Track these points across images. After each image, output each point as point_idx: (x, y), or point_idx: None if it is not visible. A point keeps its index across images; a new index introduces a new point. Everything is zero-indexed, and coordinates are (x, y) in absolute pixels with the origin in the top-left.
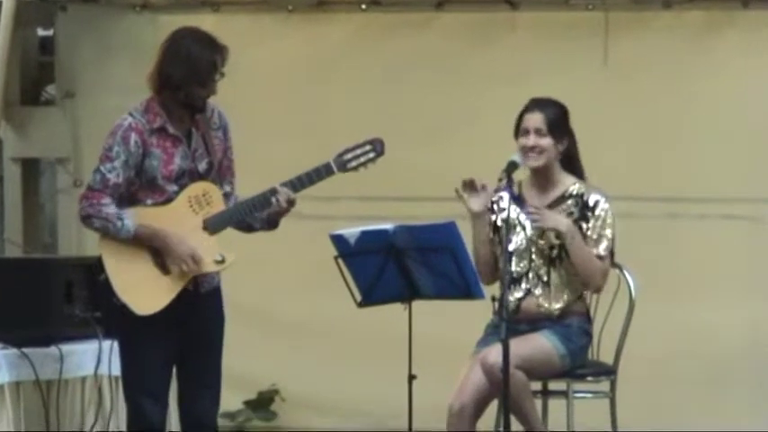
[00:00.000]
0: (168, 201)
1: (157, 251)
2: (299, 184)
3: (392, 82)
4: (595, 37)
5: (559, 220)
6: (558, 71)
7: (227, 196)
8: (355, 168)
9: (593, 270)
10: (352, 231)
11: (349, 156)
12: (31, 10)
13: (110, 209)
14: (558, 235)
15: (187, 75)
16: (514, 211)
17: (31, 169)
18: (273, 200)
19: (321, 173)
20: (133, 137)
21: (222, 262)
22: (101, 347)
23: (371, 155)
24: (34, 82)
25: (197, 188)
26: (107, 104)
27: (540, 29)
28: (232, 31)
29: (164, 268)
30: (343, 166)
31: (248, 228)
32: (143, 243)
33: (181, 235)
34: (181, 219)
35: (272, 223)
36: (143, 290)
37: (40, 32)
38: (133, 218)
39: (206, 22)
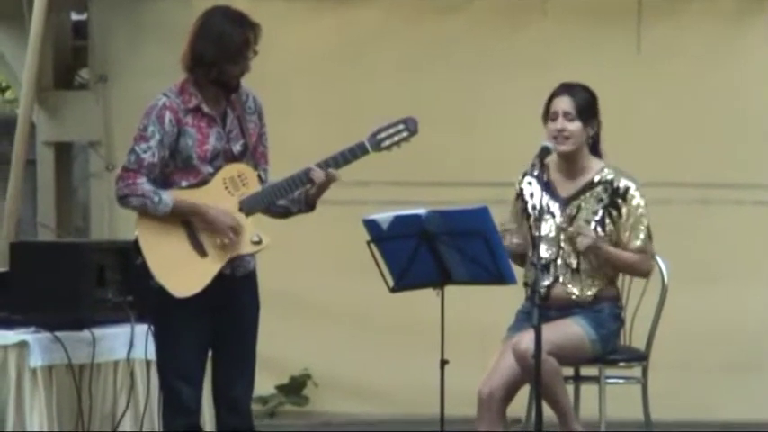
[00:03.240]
0: (203, 182)
1: (194, 233)
2: (333, 163)
3: (423, 67)
4: (628, 23)
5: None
6: (589, 57)
7: (259, 180)
8: (389, 147)
9: (635, 267)
10: (384, 216)
11: (383, 135)
12: None
13: (146, 186)
14: (596, 256)
15: (219, 52)
16: (545, 198)
17: (63, 153)
18: (311, 177)
19: (356, 152)
20: (168, 116)
21: (259, 243)
22: (133, 331)
23: (405, 134)
24: (67, 66)
25: (232, 169)
26: (140, 88)
27: (572, 14)
28: (265, 16)
29: (201, 251)
30: (377, 146)
31: (285, 212)
32: (182, 217)
33: (222, 208)
34: (216, 200)
35: (309, 204)
36: (180, 272)
37: (74, 17)
38: (170, 194)
39: (239, 5)
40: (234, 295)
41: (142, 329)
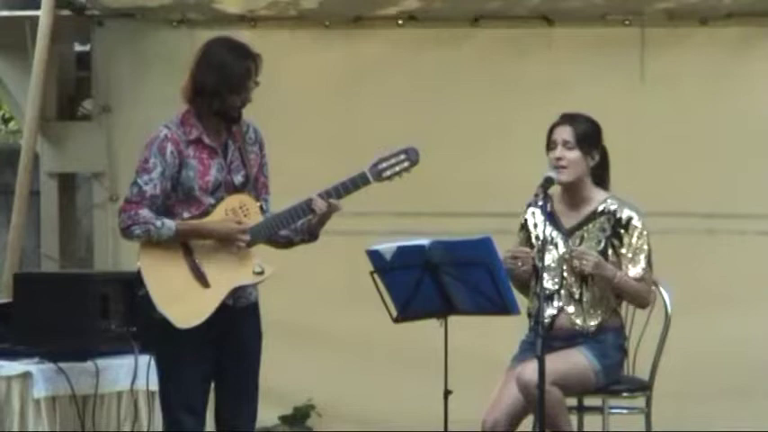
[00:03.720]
0: (205, 214)
1: (195, 264)
2: (334, 193)
3: (428, 97)
4: (632, 53)
5: (602, 266)
6: (594, 87)
7: (261, 210)
8: (390, 177)
9: (638, 294)
10: (388, 246)
11: (384, 165)
12: (67, 25)
13: (148, 214)
14: (601, 278)
15: (220, 82)
16: (548, 229)
17: (67, 184)
18: (313, 207)
19: (357, 182)
20: (169, 147)
21: (262, 273)
22: (137, 362)
23: (406, 164)
24: (71, 97)
25: (234, 200)
26: (143, 119)
27: (577, 44)
28: (270, 46)
29: (203, 281)
30: (378, 175)
31: (288, 242)
32: (183, 251)
33: (222, 220)
34: None
35: (312, 234)
36: (183, 303)
37: (77, 47)
38: (173, 221)
39: (243, 37)
40: (236, 326)
41: (145, 360)
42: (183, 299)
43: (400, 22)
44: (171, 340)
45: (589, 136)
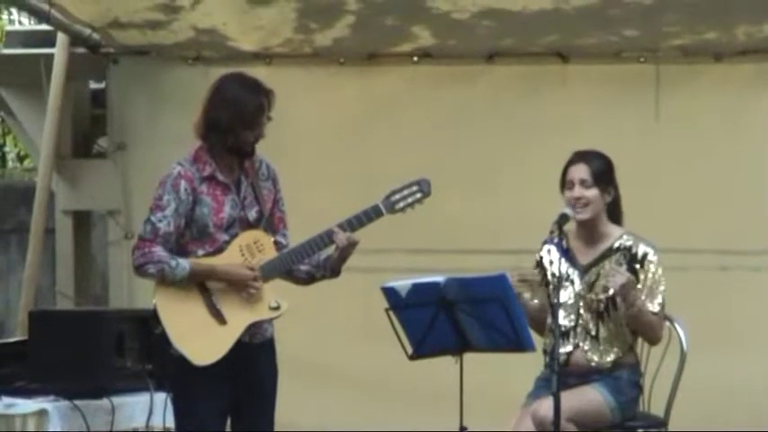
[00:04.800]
0: (219, 251)
1: (211, 301)
2: (348, 226)
3: (443, 134)
4: (646, 90)
5: (630, 286)
6: (608, 124)
7: (278, 245)
8: (403, 209)
9: (653, 328)
10: (403, 284)
11: (397, 197)
12: (83, 63)
13: (162, 252)
14: (624, 298)
15: (234, 118)
16: (564, 266)
17: (82, 221)
18: (334, 239)
19: (370, 214)
20: (183, 184)
21: (278, 308)
22: (152, 400)
23: (419, 195)
24: (86, 135)
25: (248, 236)
26: (159, 157)
27: (591, 82)
28: (284, 84)
29: (219, 318)
30: (391, 207)
31: (309, 278)
32: (200, 280)
33: (236, 263)
34: None
35: (334, 270)
36: (199, 340)
37: (92, 85)
38: (187, 260)
39: (258, 74)
40: (252, 363)
41: (161, 398)
42: (199, 336)
43: (415, 59)
44: (187, 377)
45: (605, 172)
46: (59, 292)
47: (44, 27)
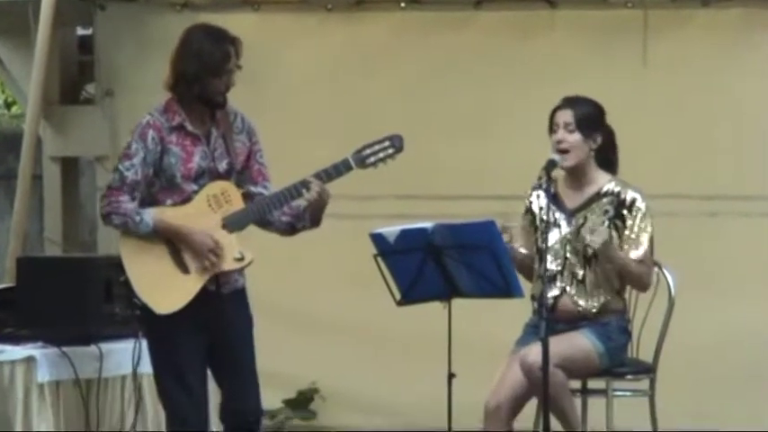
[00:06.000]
0: (187, 200)
1: (176, 250)
2: (316, 179)
3: (431, 80)
4: (634, 35)
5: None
6: (596, 69)
7: (250, 196)
8: (374, 164)
9: (640, 277)
10: (391, 230)
11: (368, 152)
12: (70, 9)
13: (128, 205)
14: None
15: (199, 66)
16: (551, 210)
17: (70, 168)
18: (303, 191)
19: (339, 168)
20: (150, 133)
21: (242, 259)
22: (140, 346)
23: (390, 150)
24: (73, 81)
25: (215, 187)
26: (146, 103)
27: (579, 27)
28: (272, 30)
29: (183, 267)
30: (361, 162)
31: (290, 229)
32: (163, 237)
33: (201, 230)
34: (200, 217)
35: (314, 221)
36: (162, 289)
37: (80, 31)
38: (152, 214)
39: (246, 21)
40: (222, 312)
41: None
42: (162, 285)
43: (402, 5)
44: (159, 325)
45: (590, 118)
46: (47, 238)
47: None
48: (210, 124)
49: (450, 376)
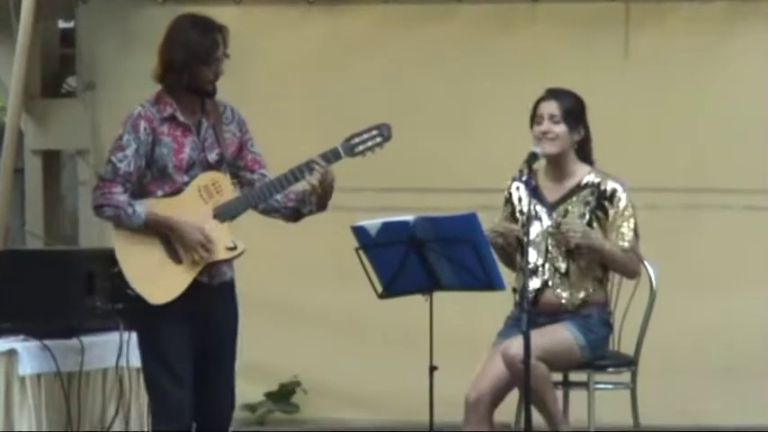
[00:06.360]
0: (178, 192)
1: (169, 240)
2: (306, 168)
3: (413, 73)
4: (616, 28)
5: (589, 235)
6: (578, 62)
7: (250, 184)
8: (362, 153)
9: (626, 265)
10: (373, 223)
11: (356, 140)
12: (51, 2)
13: (121, 197)
14: (588, 248)
15: (188, 55)
16: (532, 203)
17: (51, 161)
18: (306, 174)
19: (329, 157)
20: (142, 124)
21: (234, 249)
22: (122, 339)
23: (378, 139)
24: (55, 74)
25: (206, 178)
26: (128, 96)
27: (561, 19)
28: (254, 23)
29: (176, 258)
30: (350, 151)
31: (296, 214)
32: (155, 230)
33: (193, 222)
34: (191, 208)
35: (320, 204)
36: (156, 279)
37: (61, 24)
38: (144, 206)
39: (228, 13)
40: (211, 304)
41: (131, 337)
42: (155, 275)
43: None
44: (148, 317)
45: (575, 111)
46: (29, 231)
47: None
48: (200, 115)
49: (432, 369)
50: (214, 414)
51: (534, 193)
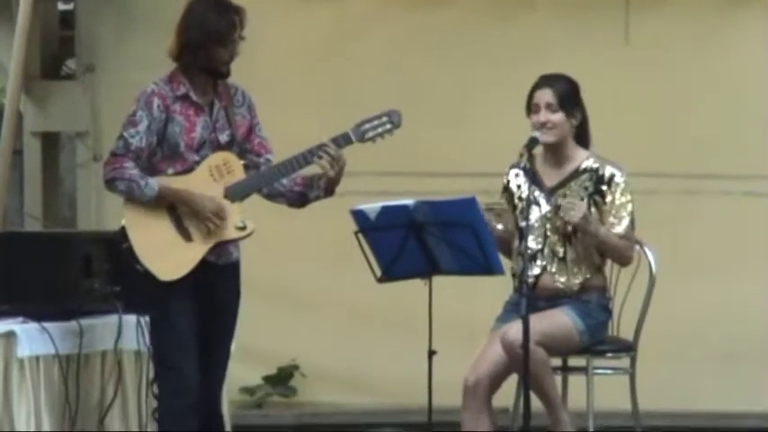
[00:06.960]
0: (189, 170)
1: (179, 218)
2: (318, 152)
3: (413, 58)
4: (616, 14)
5: (588, 218)
6: (578, 48)
7: (256, 168)
8: (372, 139)
9: (622, 251)
10: (372, 207)
11: (367, 126)
12: None
13: (133, 170)
14: (584, 231)
15: (205, 36)
16: (531, 188)
17: (50, 143)
18: (316, 158)
19: (339, 142)
20: (156, 101)
21: (244, 228)
22: (121, 322)
23: (388, 126)
24: (54, 56)
25: (217, 158)
26: (127, 79)
27: (561, 5)
28: (255, 7)
29: (186, 235)
30: (361, 136)
31: (302, 199)
32: (166, 206)
33: (206, 193)
34: (202, 187)
35: (328, 190)
36: (165, 256)
37: (61, 6)
38: (157, 179)
39: None
40: (216, 283)
41: (130, 320)
42: (165, 252)
43: None
44: (160, 292)
45: (570, 96)
46: (27, 214)
47: None
48: (213, 95)
49: (431, 353)
50: (207, 392)
51: (533, 178)
